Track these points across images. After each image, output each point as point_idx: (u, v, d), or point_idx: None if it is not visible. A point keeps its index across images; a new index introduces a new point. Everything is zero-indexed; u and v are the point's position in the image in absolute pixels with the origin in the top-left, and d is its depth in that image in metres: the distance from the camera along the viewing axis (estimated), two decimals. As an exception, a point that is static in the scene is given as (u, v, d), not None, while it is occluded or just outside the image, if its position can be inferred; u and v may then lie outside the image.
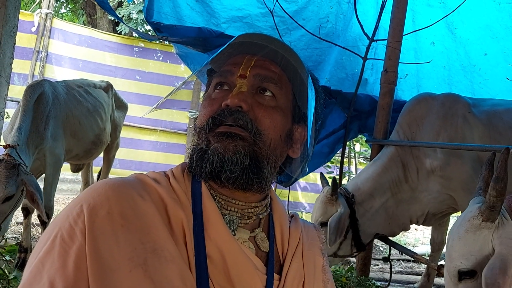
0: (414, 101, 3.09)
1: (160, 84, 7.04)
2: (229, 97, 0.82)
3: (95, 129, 3.91)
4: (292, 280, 0.84)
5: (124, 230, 0.71)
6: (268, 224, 0.90)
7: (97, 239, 0.68)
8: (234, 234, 0.82)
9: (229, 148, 0.79)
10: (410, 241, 6.79)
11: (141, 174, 0.83)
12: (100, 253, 0.67)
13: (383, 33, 3.56)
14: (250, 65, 0.86)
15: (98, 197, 0.73)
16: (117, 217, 0.71)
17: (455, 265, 1.30)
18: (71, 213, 0.72)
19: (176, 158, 7.04)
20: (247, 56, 0.88)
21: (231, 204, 0.84)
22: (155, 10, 3.32)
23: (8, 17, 2.74)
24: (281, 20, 3.58)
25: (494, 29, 3.90)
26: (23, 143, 2.86)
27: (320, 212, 2.73)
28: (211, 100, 0.87)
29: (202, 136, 0.83)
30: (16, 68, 4.84)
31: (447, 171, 2.74)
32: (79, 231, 0.69)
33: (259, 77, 0.85)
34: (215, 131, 0.81)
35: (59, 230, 0.70)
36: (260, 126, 0.82)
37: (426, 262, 2.93)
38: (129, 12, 8.25)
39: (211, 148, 0.80)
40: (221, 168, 0.78)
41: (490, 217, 1.25)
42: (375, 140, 3.26)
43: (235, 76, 0.86)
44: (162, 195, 0.78)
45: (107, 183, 0.76)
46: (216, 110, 0.84)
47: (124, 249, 0.69)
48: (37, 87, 3.17)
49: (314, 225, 1.02)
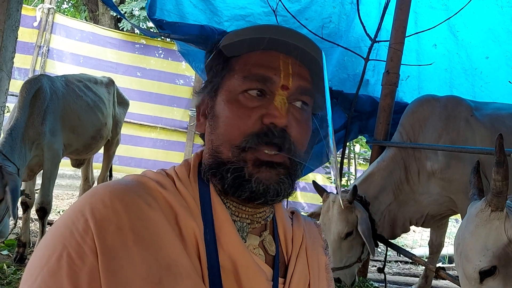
0: (417, 102, 3.08)
1: (161, 81, 7.03)
2: (276, 115, 0.73)
3: (96, 124, 3.89)
4: (297, 282, 0.81)
5: (137, 246, 0.66)
6: (273, 225, 0.87)
7: (110, 258, 0.63)
8: (245, 241, 0.79)
9: (274, 179, 0.74)
10: (408, 243, 6.79)
11: (142, 177, 0.77)
12: (115, 273, 0.63)
13: (386, 35, 3.56)
14: (290, 72, 0.77)
15: (104, 209, 0.67)
16: (128, 232, 0.66)
17: (475, 265, 1.26)
18: (75, 228, 0.65)
19: (176, 155, 7.03)
20: (283, 58, 0.78)
21: (242, 211, 0.80)
22: (158, 7, 3.32)
23: (11, 11, 2.74)
24: (284, 20, 3.58)
25: (496, 32, 3.91)
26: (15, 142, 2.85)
27: (343, 223, 2.60)
28: (244, 109, 0.75)
29: (237, 153, 0.74)
30: (17, 62, 4.83)
31: (447, 174, 2.74)
32: (89, 249, 0.63)
33: (300, 90, 0.78)
34: (256, 156, 0.73)
35: (64, 248, 0.64)
36: (299, 147, 0.77)
37: (425, 264, 2.93)
38: (132, 8, 8.24)
39: (254, 179, 0.73)
40: (262, 197, 0.74)
41: (499, 204, 1.23)
42: (376, 141, 3.26)
43: (275, 85, 0.76)
44: (171, 202, 0.73)
45: (110, 191, 0.70)
46: (255, 126, 0.74)
47: (138, 268, 0.64)
48: (34, 83, 3.16)
49: (314, 222, 0.99)
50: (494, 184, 1.23)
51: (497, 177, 1.22)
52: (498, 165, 1.22)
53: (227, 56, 0.80)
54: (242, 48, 0.79)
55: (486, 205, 1.27)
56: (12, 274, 2.73)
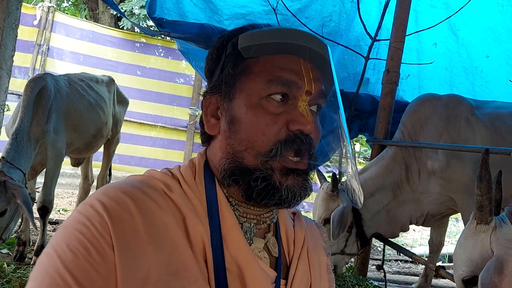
0: (419, 101, 3.08)
1: (161, 80, 7.03)
2: (304, 122, 0.74)
3: (97, 123, 3.90)
4: (299, 284, 0.81)
5: (152, 249, 0.66)
6: (276, 227, 0.86)
7: (128, 258, 0.64)
8: (250, 244, 0.78)
9: (299, 185, 0.75)
10: (408, 242, 6.79)
11: (151, 178, 0.76)
12: (132, 271, 0.63)
13: (386, 33, 3.55)
14: (311, 77, 0.77)
15: (119, 209, 0.67)
16: (143, 235, 0.66)
17: (458, 274, 1.30)
18: (91, 223, 0.65)
19: (176, 154, 7.04)
20: (304, 63, 0.78)
21: (250, 211, 0.79)
22: (158, 5, 3.32)
23: (11, 9, 2.74)
24: (284, 18, 3.58)
25: (497, 31, 3.90)
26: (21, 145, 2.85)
27: (323, 209, 2.73)
28: (269, 115, 0.75)
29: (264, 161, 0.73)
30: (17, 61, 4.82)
31: (447, 173, 2.74)
32: (108, 245, 0.64)
33: (319, 94, 0.78)
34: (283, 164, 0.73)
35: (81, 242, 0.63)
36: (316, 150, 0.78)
37: (425, 263, 2.93)
38: (132, 7, 8.22)
39: (284, 187, 0.73)
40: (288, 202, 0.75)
41: (482, 218, 1.26)
42: (376, 140, 3.26)
43: (300, 90, 0.76)
44: (179, 205, 0.73)
45: (122, 192, 0.69)
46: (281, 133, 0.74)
47: (151, 272, 0.65)
48: (38, 82, 3.16)
49: (316, 223, 0.99)
50: (476, 198, 1.26)
51: (478, 191, 1.25)
52: (479, 180, 1.24)
53: (243, 57, 0.79)
54: (262, 50, 0.78)
55: (473, 218, 1.31)
56: (12, 273, 2.73)
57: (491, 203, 1.26)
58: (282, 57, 0.77)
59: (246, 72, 0.78)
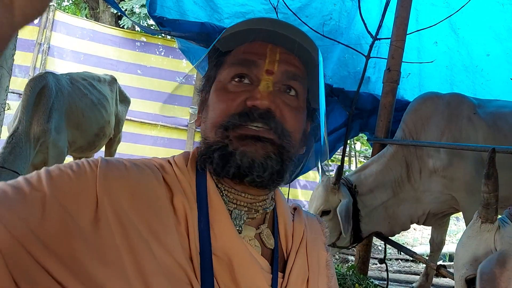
0: (420, 100, 3.07)
1: (162, 79, 7.03)
2: (258, 98, 0.75)
3: (100, 122, 3.91)
4: (296, 277, 0.81)
5: (134, 200, 0.69)
6: (273, 219, 0.87)
7: (109, 191, 0.67)
8: (240, 232, 0.79)
9: (259, 153, 0.74)
10: (408, 241, 6.80)
11: (149, 160, 0.80)
12: (111, 206, 0.65)
13: (387, 32, 3.55)
14: (276, 58, 0.79)
15: (115, 160, 0.73)
16: (134, 188, 0.70)
17: (461, 274, 1.28)
18: (87, 161, 0.70)
19: (177, 153, 7.03)
20: (270, 46, 0.80)
21: (240, 197, 0.80)
22: (158, 4, 3.31)
23: (11, 8, 2.73)
24: (285, 17, 3.57)
25: (497, 30, 3.90)
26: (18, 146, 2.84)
27: (322, 200, 2.72)
28: (230, 94, 0.78)
29: (221, 133, 0.76)
30: (18, 60, 4.82)
31: (449, 172, 2.74)
32: (92, 174, 0.67)
33: (286, 75, 0.79)
34: (239, 133, 0.75)
35: (70, 165, 0.68)
36: (288, 129, 0.78)
37: (426, 261, 2.93)
38: (132, 6, 8.22)
39: (239, 151, 0.74)
40: (248, 173, 0.74)
41: (488, 216, 1.25)
42: (377, 139, 3.26)
43: (260, 70, 0.78)
44: (169, 183, 0.76)
45: (124, 160, 0.75)
46: (238, 107, 0.77)
47: (133, 217, 0.67)
48: (38, 81, 3.16)
49: (317, 218, 0.99)
50: (483, 196, 1.25)
51: (485, 189, 1.24)
52: (487, 177, 1.24)
53: (221, 52, 0.84)
54: (233, 41, 0.82)
55: (477, 217, 1.29)
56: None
57: (497, 202, 1.25)
58: (250, 44, 0.81)
59: (220, 64, 0.84)
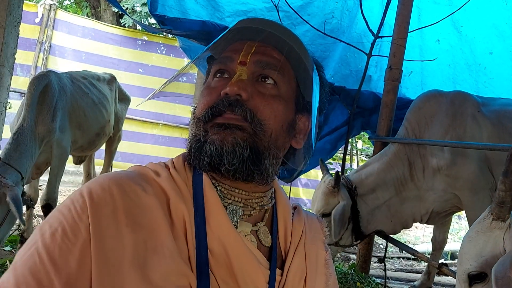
0: (424, 98, 3.05)
1: (163, 77, 7.02)
2: (228, 85, 0.78)
3: (100, 121, 3.91)
4: (293, 275, 0.82)
5: (129, 230, 0.69)
6: (272, 217, 0.87)
7: (102, 237, 0.67)
8: (236, 227, 0.80)
9: (227, 140, 0.76)
10: (410, 239, 6.79)
11: (142, 167, 0.81)
12: (105, 252, 0.66)
13: (388, 30, 3.54)
14: (251, 51, 0.82)
15: (102, 193, 0.70)
16: (122, 216, 0.69)
17: (465, 268, 1.27)
18: (73, 207, 0.69)
19: (178, 152, 6.91)
20: (248, 42, 0.84)
21: (234, 193, 0.81)
22: (159, 2, 3.31)
23: (12, 7, 2.73)
24: (286, 15, 3.57)
25: (500, 27, 3.88)
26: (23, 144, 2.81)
27: (322, 203, 2.75)
28: (210, 89, 0.83)
29: (200, 126, 0.80)
30: (19, 59, 4.83)
31: (453, 170, 2.72)
32: (84, 227, 0.67)
33: (260, 64, 0.82)
34: (213, 122, 0.78)
35: (61, 223, 0.67)
36: (260, 116, 0.78)
37: (428, 260, 2.93)
38: (133, 4, 8.22)
39: (208, 140, 0.77)
40: (219, 161, 0.75)
41: (500, 214, 1.23)
42: (378, 138, 3.25)
43: (235, 63, 0.82)
44: (164, 188, 0.77)
45: (110, 178, 0.74)
46: (215, 99, 0.80)
47: (127, 250, 0.67)
48: (42, 79, 3.13)
49: (317, 217, 1.00)
50: (498, 193, 1.23)
51: (502, 186, 1.22)
52: (505, 175, 1.22)
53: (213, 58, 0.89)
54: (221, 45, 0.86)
55: (489, 213, 1.27)
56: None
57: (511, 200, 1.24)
58: (232, 44, 0.86)
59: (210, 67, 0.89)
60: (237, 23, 0.81)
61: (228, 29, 0.81)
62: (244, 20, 0.81)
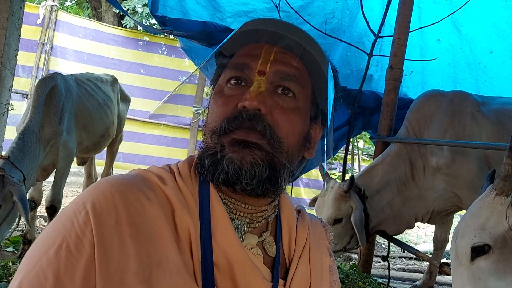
0: (424, 97, 3.06)
1: (164, 78, 7.03)
2: (247, 98, 0.73)
3: (105, 122, 3.92)
4: (297, 285, 0.80)
5: (132, 241, 0.67)
6: (276, 226, 0.85)
7: (105, 251, 0.65)
8: (242, 240, 0.78)
9: (246, 160, 0.72)
10: (412, 239, 6.79)
11: (146, 171, 0.78)
12: (108, 266, 0.64)
13: (389, 30, 3.54)
14: (270, 59, 0.77)
15: (105, 203, 0.68)
16: (126, 227, 0.67)
17: (468, 240, 1.25)
18: (76, 220, 0.66)
19: (180, 152, 7.05)
20: (265, 47, 0.79)
21: (240, 208, 0.79)
22: (160, 3, 3.32)
23: (14, 8, 2.75)
24: (287, 15, 3.57)
25: (500, 27, 3.88)
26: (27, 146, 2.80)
27: (334, 209, 2.68)
28: (225, 98, 0.78)
29: (215, 139, 0.75)
30: (21, 60, 4.84)
31: (453, 169, 2.73)
32: (88, 242, 0.65)
33: (280, 75, 0.77)
34: (231, 137, 0.74)
35: (64, 239, 0.65)
36: (279, 133, 0.75)
37: (429, 259, 2.93)
38: (134, 5, 8.23)
39: (226, 158, 0.73)
40: (236, 180, 0.72)
41: (505, 188, 1.23)
42: (379, 137, 3.26)
43: (252, 71, 0.77)
44: (170, 197, 0.74)
45: (112, 185, 0.71)
46: (231, 111, 0.75)
47: (131, 263, 0.65)
48: (48, 81, 3.12)
49: (321, 222, 0.97)
50: (504, 167, 1.23)
51: (508, 160, 1.22)
52: (510, 150, 1.23)
53: (224, 55, 0.84)
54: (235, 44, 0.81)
55: (492, 189, 1.27)
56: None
57: None
58: (247, 46, 0.80)
59: (222, 67, 0.83)
60: (251, 23, 0.77)
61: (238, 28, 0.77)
62: (258, 20, 0.77)
